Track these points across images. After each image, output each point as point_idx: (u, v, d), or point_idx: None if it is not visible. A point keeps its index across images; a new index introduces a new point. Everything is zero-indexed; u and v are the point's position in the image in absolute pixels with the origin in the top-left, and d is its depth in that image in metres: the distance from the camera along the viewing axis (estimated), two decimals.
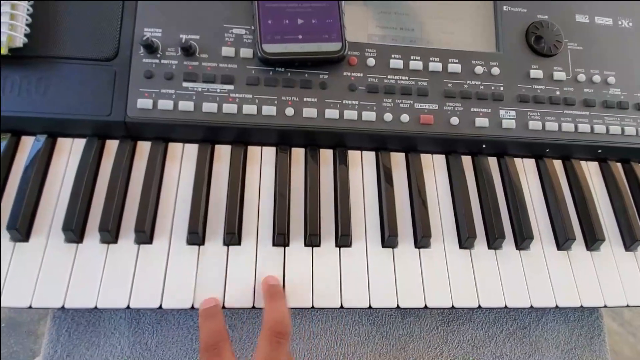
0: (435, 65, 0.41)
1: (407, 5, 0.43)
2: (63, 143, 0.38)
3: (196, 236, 0.35)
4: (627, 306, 0.38)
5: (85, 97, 0.36)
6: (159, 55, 0.37)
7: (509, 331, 0.43)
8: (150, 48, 0.37)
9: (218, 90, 0.37)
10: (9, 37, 0.35)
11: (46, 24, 0.37)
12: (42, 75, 0.36)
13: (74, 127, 0.37)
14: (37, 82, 0.36)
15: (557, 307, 0.37)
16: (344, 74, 0.39)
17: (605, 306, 0.38)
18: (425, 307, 0.36)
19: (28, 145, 0.37)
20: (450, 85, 0.41)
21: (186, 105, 0.37)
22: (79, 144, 0.37)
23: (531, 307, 0.37)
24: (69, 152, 0.37)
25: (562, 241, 0.39)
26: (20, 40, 0.36)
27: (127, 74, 0.37)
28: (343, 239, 0.36)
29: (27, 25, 0.37)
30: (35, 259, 0.33)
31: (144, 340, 0.39)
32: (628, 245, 0.40)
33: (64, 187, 0.36)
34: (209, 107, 0.37)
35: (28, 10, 0.37)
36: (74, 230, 0.33)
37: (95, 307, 0.33)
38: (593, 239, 0.39)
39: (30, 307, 0.32)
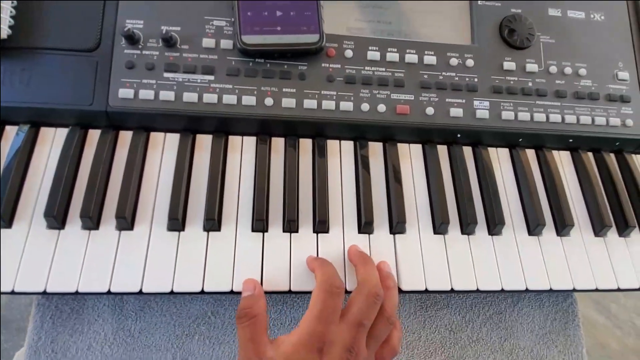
0: (411, 57, 0.42)
1: None
2: (46, 132, 0.38)
3: (176, 222, 0.36)
4: (596, 290, 0.40)
5: (67, 87, 0.37)
6: (140, 46, 0.38)
7: (485, 316, 0.45)
8: (132, 39, 0.38)
9: (199, 81, 0.38)
10: None
11: (30, 16, 0.38)
12: (26, 66, 0.37)
13: (57, 116, 0.38)
14: (20, 72, 0.37)
15: (527, 290, 0.38)
16: (322, 65, 0.40)
17: (574, 289, 0.39)
18: (400, 290, 0.37)
19: (11, 135, 0.38)
20: (425, 76, 0.42)
21: (167, 95, 0.38)
22: (62, 133, 0.38)
23: (502, 290, 0.38)
24: (52, 141, 0.38)
25: (533, 227, 0.40)
26: (4, 32, 0.37)
27: (109, 64, 0.38)
28: (320, 225, 0.37)
29: (11, 17, 0.37)
30: (18, 245, 0.34)
31: (127, 326, 0.40)
32: (597, 231, 0.42)
33: (47, 175, 0.37)
34: (190, 97, 0.38)
35: (12, 2, 0.37)
36: (56, 217, 0.34)
37: (77, 292, 0.33)
38: (563, 225, 0.41)
39: (12, 291, 0.33)
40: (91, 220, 0.35)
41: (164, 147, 0.39)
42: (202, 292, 0.34)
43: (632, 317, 1.27)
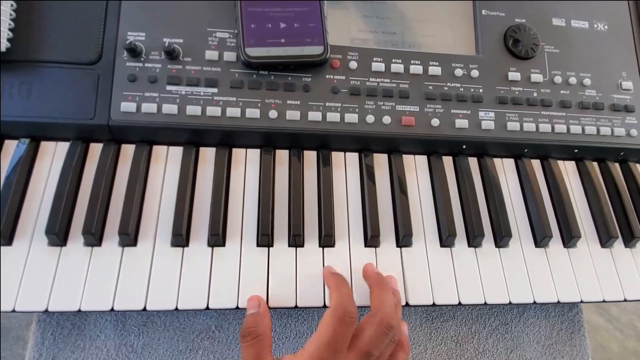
0: (416, 68, 0.42)
1: (389, 9, 0.44)
2: (46, 147, 0.38)
3: (180, 238, 0.35)
4: (603, 301, 0.39)
5: (68, 100, 0.36)
6: (142, 59, 0.38)
7: (491, 327, 0.44)
8: (134, 52, 0.37)
9: (202, 94, 0.38)
10: None
11: (29, 29, 0.37)
12: (25, 79, 0.37)
13: (58, 130, 0.37)
14: (20, 86, 0.36)
15: (535, 303, 0.38)
16: (327, 76, 0.40)
17: (581, 301, 0.39)
18: (407, 304, 0.36)
19: (11, 149, 0.37)
20: (430, 87, 0.42)
21: (170, 109, 0.37)
22: (63, 147, 0.38)
23: (510, 303, 0.37)
24: (53, 155, 0.38)
25: (540, 238, 0.40)
26: (3, 45, 0.36)
27: (111, 77, 0.37)
28: (326, 239, 0.37)
29: (10, 29, 0.37)
30: (19, 262, 0.33)
31: (129, 342, 0.40)
32: (604, 242, 0.42)
33: (48, 191, 0.36)
34: (193, 110, 0.37)
35: (11, 15, 0.37)
36: (57, 234, 0.34)
37: (79, 310, 0.33)
38: (570, 236, 0.40)
39: (13, 310, 0.32)
40: (94, 237, 0.34)
41: (167, 161, 0.39)
42: (207, 308, 0.34)
43: (633, 320, 1.28)
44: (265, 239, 0.36)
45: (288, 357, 0.30)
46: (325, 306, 0.35)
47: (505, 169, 0.44)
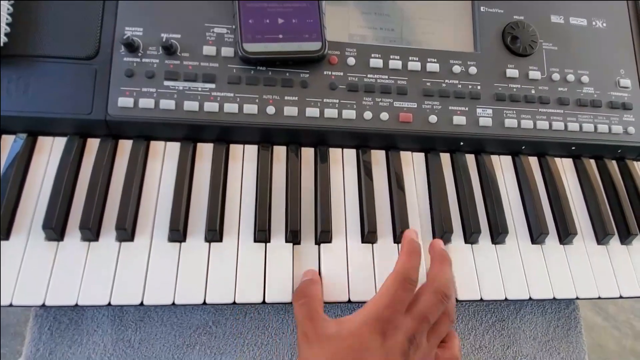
0: (414, 65, 0.42)
1: (388, 6, 0.44)
2: (44, 142, 0.38)
3: (177, 233, 0.35)
4: (599, 298, 0.40)
5: (66, 95, 0.36)
6: (140, 54, 0.38)
7: (487, 324, 0.45)
8: (131, 47, 0.37)
9: (199, 89, 0.38)
10: None
11: (27, 23, 0.37)
12: (23, 74, 0.36)
13: (55, 125, 0.37)
14: (17, 80, 0.36)
15: (530, 299, 0.38)
16: (325, 73, 0.40)
17: (577, 298, 0.39)
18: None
19: (8, 144, 0.37)
20: (428, 84, 0.42)
21: (167, 104, 0.37)
22: (60, 142, 0.38)
23: (506, 299, 0.38)
24: (50, 150, 0.38)
25: (536, 235, 0.40)
26: (0, 40, 0.36)
27: (108, 72, 0.37)
28: (323, 235, 0.37)
29: (7, 24, 0.37)
30: (16, 257, 0.33)
31: (127, 337, 0.40)
32: (600, 239, 0.42)
33: (45, 186, 0.36)
34: (191, 105, 0.37)
35: (8, 9, 0.37)
36: (54, 228, 0.34)
37: (77, 305, 0.33)
38: (566, 233, 0.40)
39: (11, 305, 0.33)
40: (91, 232, 0.34)
41: (164, 156, 0.39)
42: (204, 303, 0.34)
43: (630, 318, 1.28)
44: (262, 234, 0.36)
45: (347, 317, 0.31)
46: (324, 302, 0.35)
47: (502, 166, 0.44)
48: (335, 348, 0.29)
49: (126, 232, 0.34)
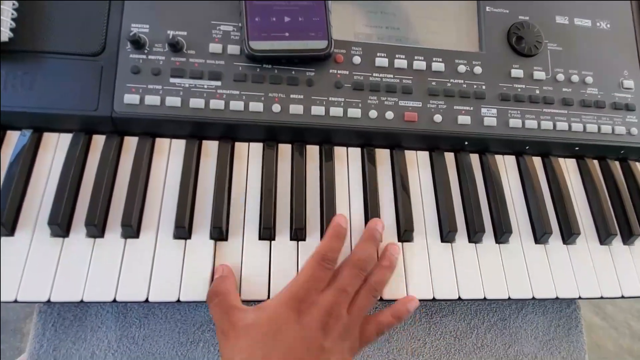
0: (419, 64, 0.42)
1: (394, 5, 0.44)
2: (49, 138, 0.38)
3: (183, 230, 0.35)
4: (601, 297, 0.40)
5: (71, 92, 0.36)
6: (146, 51, 0.38)
7: (489, 323, 0.45)
8: (138, 44, 0.37)
9: (205, 87, 0.38)
10: None
11: (32, 19, 0.37)
12: (28, 69, 0.36)
13: (61, 121, 0.37)
14: (23, 76, 0.36)
15: (534, 298, 0.38)
16: (330, 71, 0.40)
17: (580, 297, 0.39)
18: (408, 295, 0.36)
19: (13, 140, 0.37)
20: (434, 83, 0.42)
21: (173, 101, 0.37)
22: (66, 138, 0.38)
23: (509, 298, 0.38)
24: (55, 146, 0.37)
25: (540, 235, 0.40)
26: (5, 35, 0.36)
27: (114, 69, 0.37)
28: None
29: (12, 19, 0.36)
30: (21, 253, 0.33)
31: (131, 334, 0.40)
32: (603, 239, 0.42)
33: (50, 182, 0.36)
34: (196, 102, 0.37)
35: (14, 4, 0.37)
36: (60, 224, 0.34)
37: (82, 301, 0.33)
38: (569, 233, 0.41)
39: (15, 301, 0.33)
40: (96, 228, 0.34)
41: (169, 153, 0.39)
42: None
43: (628, 318, 1.29)
44: (267, 232, 0.36)
45: (266, 302, 0.32)
46: None
47: (506, 166, 0.44)
48: (254, 334, 0.30)
49: (131, 228, 0.34)
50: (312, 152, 0.41)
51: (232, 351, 0.30)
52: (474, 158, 0.44)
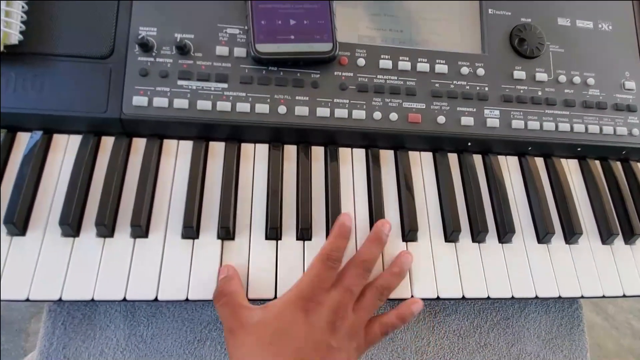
0: (423, 66, 0.42)
1: (397, 7, 0.44)
2: (59, 139, 0.38)
3: (191, 230, 0.36)
4: (603, 296, 0.40)
5: (81, 94, 0.37)
6: (154, 54, 0.38)
7: (492, 322, 0.45)
8: (146, 46, 0.38)
9: (212, 89, 0.38)
10: (4, 34, 0.35)
11: (42, 22, 0.38)
12: (38, 72, 0.37)
13: (70, 123, 0.38)
14: (32, 78, 0.37)
15: (537, 297, 0.39)
16: (335, 73, 0.41)
17: (582, 296, 0.40)
18: (412, 297, 0.37)
19: (24, 141, 0.38)
20: (437, 85, 0.42)
21: (181, 103, 0.38)
22: (75, 140, 0.38)
23: (512, 297, 0.38)
24: (65, 148, 0.38)
25: (542, 235, 0.41)
26: (15, 37, 0.36)
27: (123, 71, 0.38)
28: None
29: (22, 22, 0.37)
30: (32, 252, 0.34)
31: (139, 332, 0.40)
32: (605, 239, 0.42)
33: (60, 182, 0.37)
34: (204, 104, 0.38)
35: (23, 7, 0.37)
36: (71, 224, 0.34)
37: (92, 300, 0.34)
38: (571, 233, 0.41)
39: (27, 299, 0.33)
40: (106, 228, 0.35)
41: (177, 154, 0.39)
42: None
43: (629, 318, 1.29)
44: (273, 232, 0.37)
45: (273, 301, 0.33)
46: None
47: (509, 167, 0.45)
48: (262, 332, 0.30)
49: (141, 228, 0.35)
50: (317, 153, 0.42)
51: (241, 349, 0.30)
52: (477, 159, 0.44)
